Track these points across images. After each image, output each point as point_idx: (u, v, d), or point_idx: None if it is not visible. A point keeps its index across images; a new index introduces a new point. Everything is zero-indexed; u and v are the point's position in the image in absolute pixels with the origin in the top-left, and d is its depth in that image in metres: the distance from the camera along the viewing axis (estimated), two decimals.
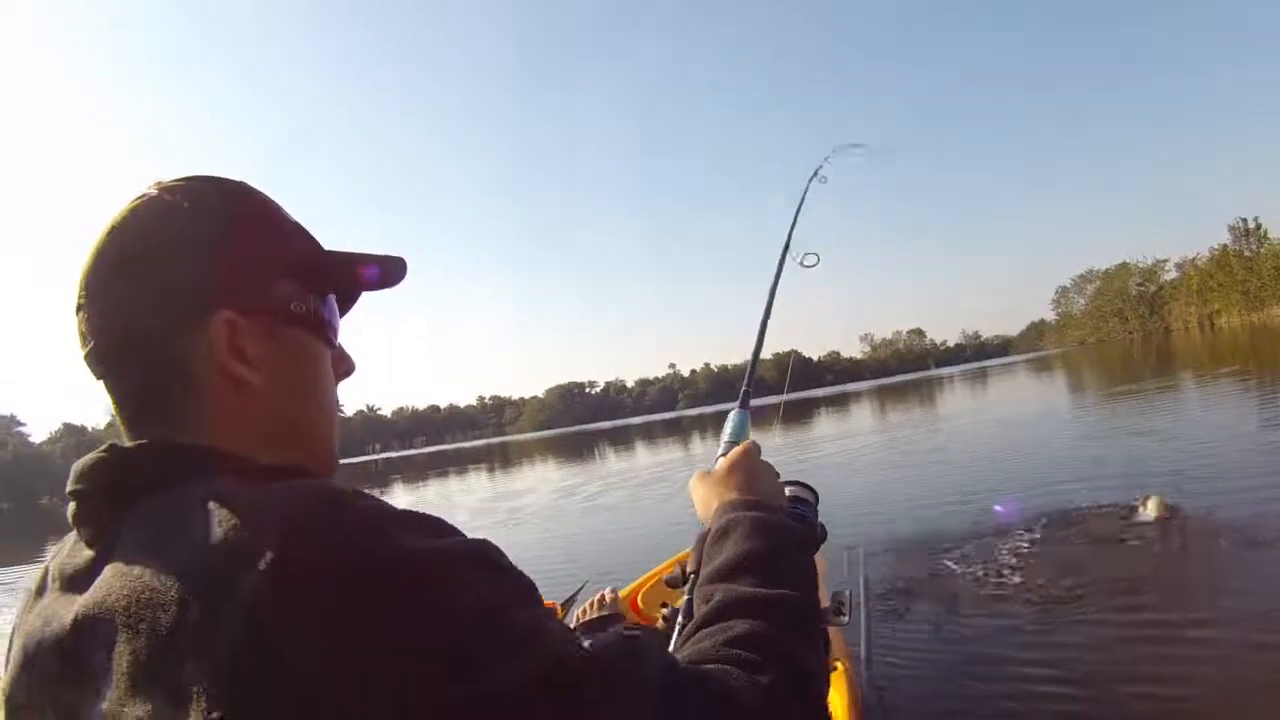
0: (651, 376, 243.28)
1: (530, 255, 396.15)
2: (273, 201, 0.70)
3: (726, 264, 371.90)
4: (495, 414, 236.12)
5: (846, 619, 1.68)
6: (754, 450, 0.96)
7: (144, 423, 0.62)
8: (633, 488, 15.29)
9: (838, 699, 2.43)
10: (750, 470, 0.92)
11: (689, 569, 0.89)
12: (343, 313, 0.75)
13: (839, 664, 2.52)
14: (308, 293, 0.68)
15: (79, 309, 0.63)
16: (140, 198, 0.65)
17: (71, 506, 0.60)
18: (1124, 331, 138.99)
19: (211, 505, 0.51)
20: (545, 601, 0.59)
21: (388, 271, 0.75)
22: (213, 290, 0.62)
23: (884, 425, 21.72)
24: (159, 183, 0.66)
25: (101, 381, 0.64)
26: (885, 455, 13.99)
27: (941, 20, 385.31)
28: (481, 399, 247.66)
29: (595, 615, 2.75)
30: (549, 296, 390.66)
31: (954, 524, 6.37)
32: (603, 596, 2.66)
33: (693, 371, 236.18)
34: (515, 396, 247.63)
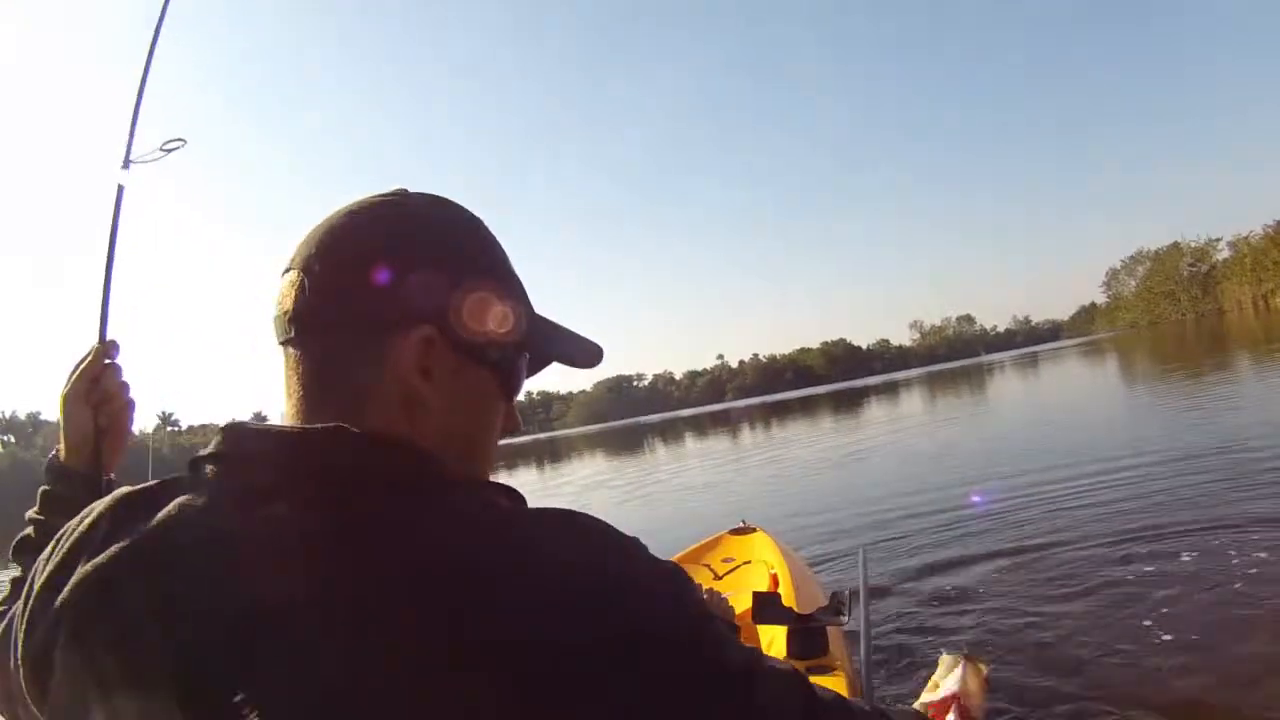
0: (700, 368, 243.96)
1: (586, 254, 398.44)
2: (504, 249, 0.71)
3: (779, 258, 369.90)
4: (543, 409, 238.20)
5: (846, 619, 1.94)
6: None
7: (314, 406, 0.61)
8: (660, 483, 15.37)
9: None
10: None
11: None
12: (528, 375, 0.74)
13: (838, 664, 2.46)
14: (509, 345, 0.68)
15: (289, 269, 0.63)
16: (389, 195, 0.66)
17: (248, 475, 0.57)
18: (1176, 313, 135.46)
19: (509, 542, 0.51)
20: None
21: (587, 356, 0.77)
22: (428, 304, 0.62)
23: (910, 417, 21.58)
24: (406, 190, 0.67)
25: (283, 347, 0.64)
26: (903, 448, 13.96)
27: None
28: (529, 394, 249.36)
29: None
30: (603, 287, 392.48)
31: (957, 517, 6.36)
32: None
33: (741, 362, 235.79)
34: (563, 391, 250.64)
